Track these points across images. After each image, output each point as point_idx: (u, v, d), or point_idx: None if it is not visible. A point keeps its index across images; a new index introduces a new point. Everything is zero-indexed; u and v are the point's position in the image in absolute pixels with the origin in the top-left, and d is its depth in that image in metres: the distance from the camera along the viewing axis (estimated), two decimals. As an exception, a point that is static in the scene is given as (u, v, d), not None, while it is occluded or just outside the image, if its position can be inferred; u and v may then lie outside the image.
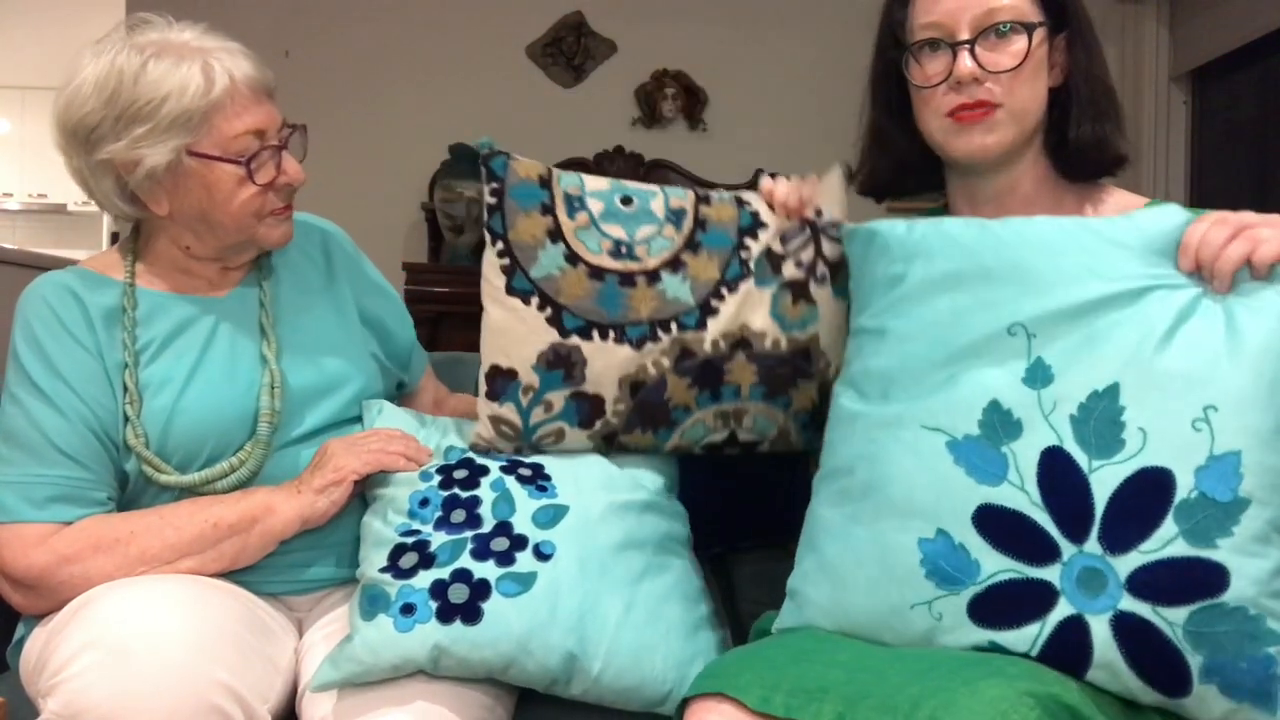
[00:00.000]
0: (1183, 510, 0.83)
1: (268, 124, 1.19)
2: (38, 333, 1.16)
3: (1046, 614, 0.86)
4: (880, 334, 1.03)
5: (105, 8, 3.85)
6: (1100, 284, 0.90)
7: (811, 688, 0.84)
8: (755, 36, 4.04)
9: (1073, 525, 0.86)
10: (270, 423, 1.20)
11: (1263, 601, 0.81)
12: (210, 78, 1.14)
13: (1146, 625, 0.83)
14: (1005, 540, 0.88)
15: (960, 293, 0.96)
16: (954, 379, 0.94)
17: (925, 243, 1.01)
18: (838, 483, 1.02)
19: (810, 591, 1.01)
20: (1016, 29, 1.10)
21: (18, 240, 7.26)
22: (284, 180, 1.20)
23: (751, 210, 1.27)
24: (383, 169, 3.90)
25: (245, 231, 1.21)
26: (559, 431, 1.22)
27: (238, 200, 1.18)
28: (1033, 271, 0.93)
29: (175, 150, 1.14)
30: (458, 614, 1.06)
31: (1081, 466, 0.86)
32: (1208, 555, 0.81)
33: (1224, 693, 0.82)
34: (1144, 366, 0.86)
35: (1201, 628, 0.81)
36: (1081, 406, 0.87)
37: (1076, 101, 1.14)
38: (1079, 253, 0.93)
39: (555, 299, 1.20)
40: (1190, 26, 3.70)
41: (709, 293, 1.22)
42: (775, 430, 1.25)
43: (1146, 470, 0.84)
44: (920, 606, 0.91)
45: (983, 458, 0.90)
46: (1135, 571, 0.83)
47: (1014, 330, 0.92)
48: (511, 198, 1.22)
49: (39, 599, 1.11)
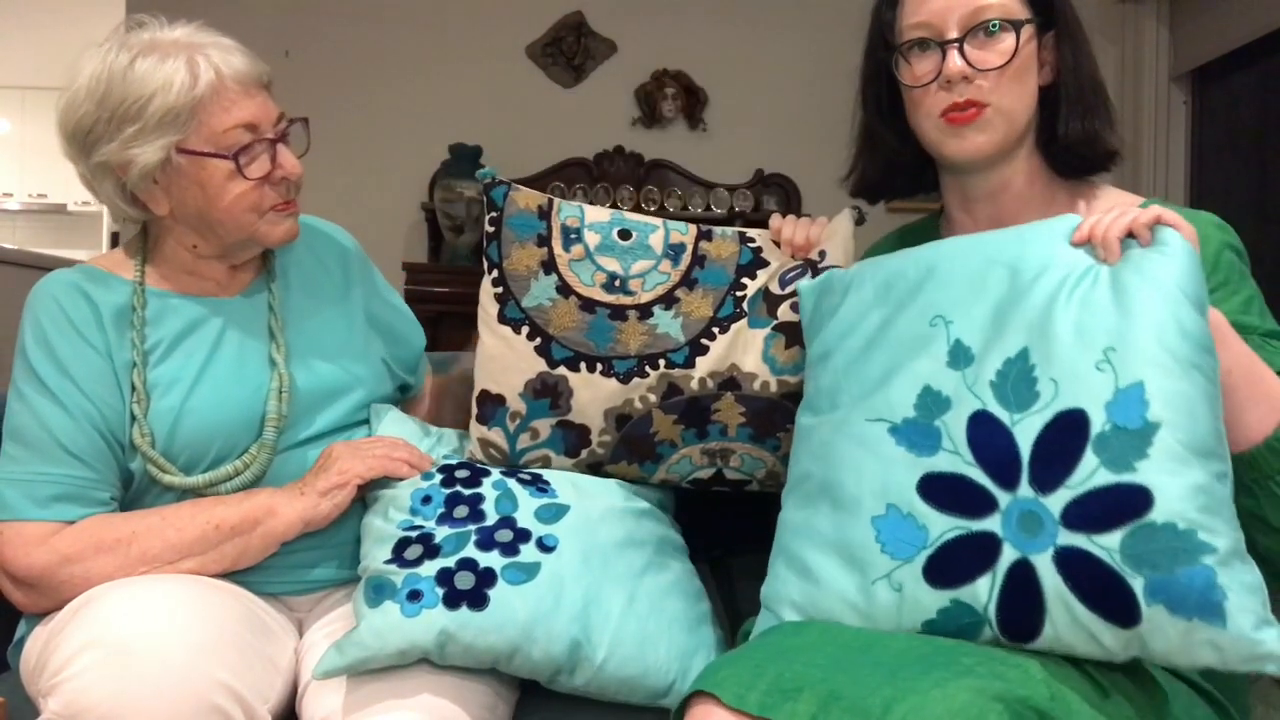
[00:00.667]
0: (1099, 443, 0.88)
1: (260, 118, 1.17)
2: (47, 331, 1.16)
3: (994, 563, 0.91)
4: (825, 356, 1.10)
5: (105, 8, 3.86)
6: (1002, 271, 0.99)
7: (788, 687, 0.85)
8: (755, 36, 4.04)
9: (1004, 475, 0.91)
10: (277, 427, 1.20)
11: (1191, 515, 0.85)
12: (195, 73, 1.14)
13: (1086, 555, 0.87)
14: (947, 501, 0.94)
15: (887, 305, 1.05)
16: (889, 376, 1.01)
17: (860, 273, 1.11)
18: (799, 489, 1.08)
19: (782, 590, 1.04)
20: (1005, 27, 1.11)
21: (18, 240, 7.27)
22: (280, 174, 1.19)
23: (754, 247, 1.27)
24: (383, 169, 3.91)
25: (245, 229, 1.20)
26: (545, 458, 1.24)
27: (231, 196, 1.17)
28: (944, 272, 1.02)
29: (165, 148, 1.14)
30: (464, 600, 1.06)
31: (1004, 422, 0.93)
32: (1129, 479, 0.86)
33: (1172, 611, 0.84)
34: (1046, 329, 0.93)
35: (1136, 548, 0.85)
36: (998, 372, 0.94)
37: (1066, 98, 1.15)
38: (984, 248, 1.02)
39: (545, 329, 1.21)
40: (1190, 26, 3.70)
41: (700, 331, 1.22)
42: (764, 470, 1.25)
43: (1061, 414, 0.90)
44: (881, 580, 0.95)
45: (920, 434, 0.97)
46: (1067, 506, 0.88)
47: (934, 322, 1.00)
48: (508, 227, 1.24)
49: (40, 597, 1.11)
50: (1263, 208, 3.40)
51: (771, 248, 1.28)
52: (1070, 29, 1.16)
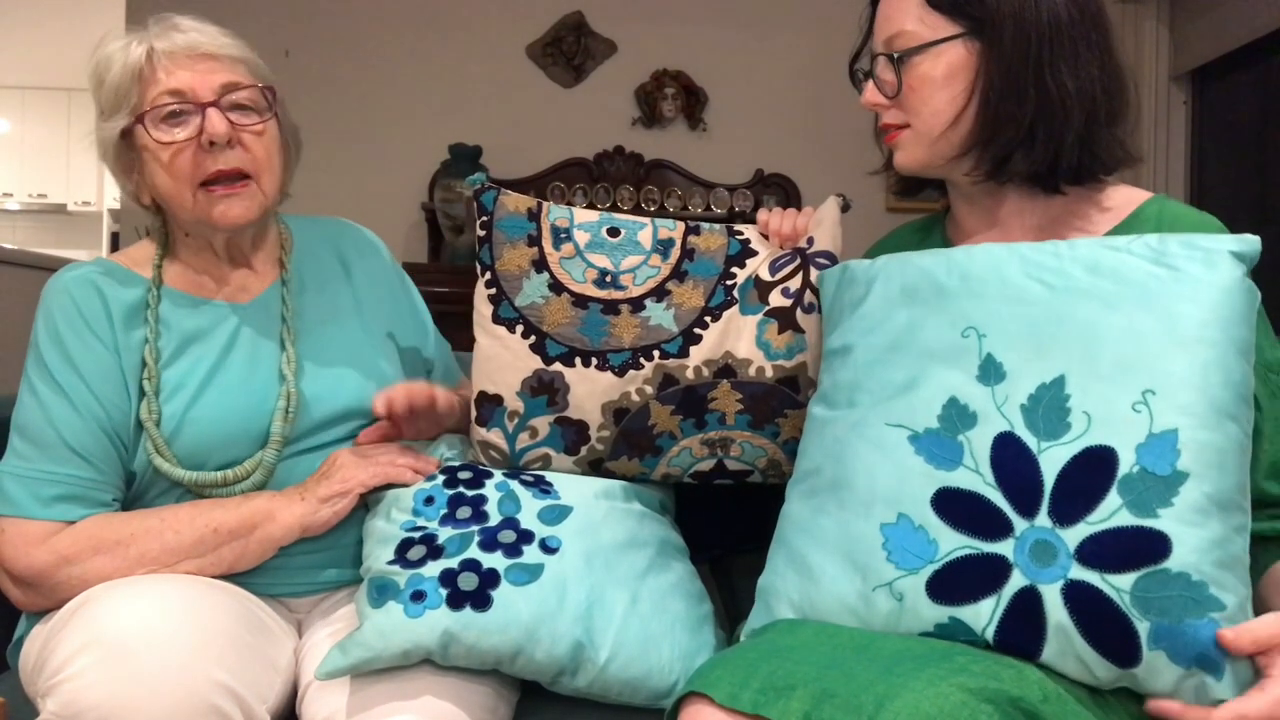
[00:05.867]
0: (1125, 483, 0.87)
1: (192, 85, 1.16)
2: (59, 324, 1.17)
3: (1001, 587, 0.90)
4: (846, 351, 1.08)
5: (105, 8, 3.86)
6: (1040, 287, 0.96)
7: (780, 685, 0.85)
8: (755, 36, 4.04)
9: (1024, 501, 0.90)
10: (278, 449, 1.19)
11: (1205, 569, 0.85)
12: (128, 50, 1.18)
13: (1095, 592, 0.86)
14: (961, 519, 0.92)
15: (916, 306, 1.03)
16: (914, 381, 0.99)
17: (886, 268, 1.08)
18: (806, 482, 1.06)
19: (779, 584, 1.03)
20: (912, 53, 1.10)
21: (18, 240, 7.27)
22: (205, 137, 1.15)
23: (742, 239, 1.28)
24: (383, 169, 3.90)
25: (187, 206, 1.18)
26: (545, 457, 1.24)
27: (166, 166, 1.17)
28: (980, 280, 0.99)
29: (116, 127, 1.18)
30: (468, 601, 1.06)
31: (1031, 448, 0.91)
32: (1150, 524, 0.86)
33: (1172, 659, 0.84)
34: (1088, 357, 0.92)
35: (1147, 593, 0.85)
36: (1031, 396, 0.93)
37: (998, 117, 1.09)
38: (1022, 260, 0.99)
39: (539, 327, 1.22)
40: (1190, 26, 3.70)
41: (693, 320, 1.22)
42: (765, 459, 1.24)
43: (1091, 449, 0.89)
44: (882, 588, 0.94)
45: (940, 446, 0.95)
46: (1083, 542, 0.87)
47: (966, 333, 0.98)
48: (499, 229, 1.24)
49: (37, 596, 1.11)
50: (1263, 208, 3.40)
51: (759, 239, 1.28)
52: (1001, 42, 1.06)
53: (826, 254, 1.24)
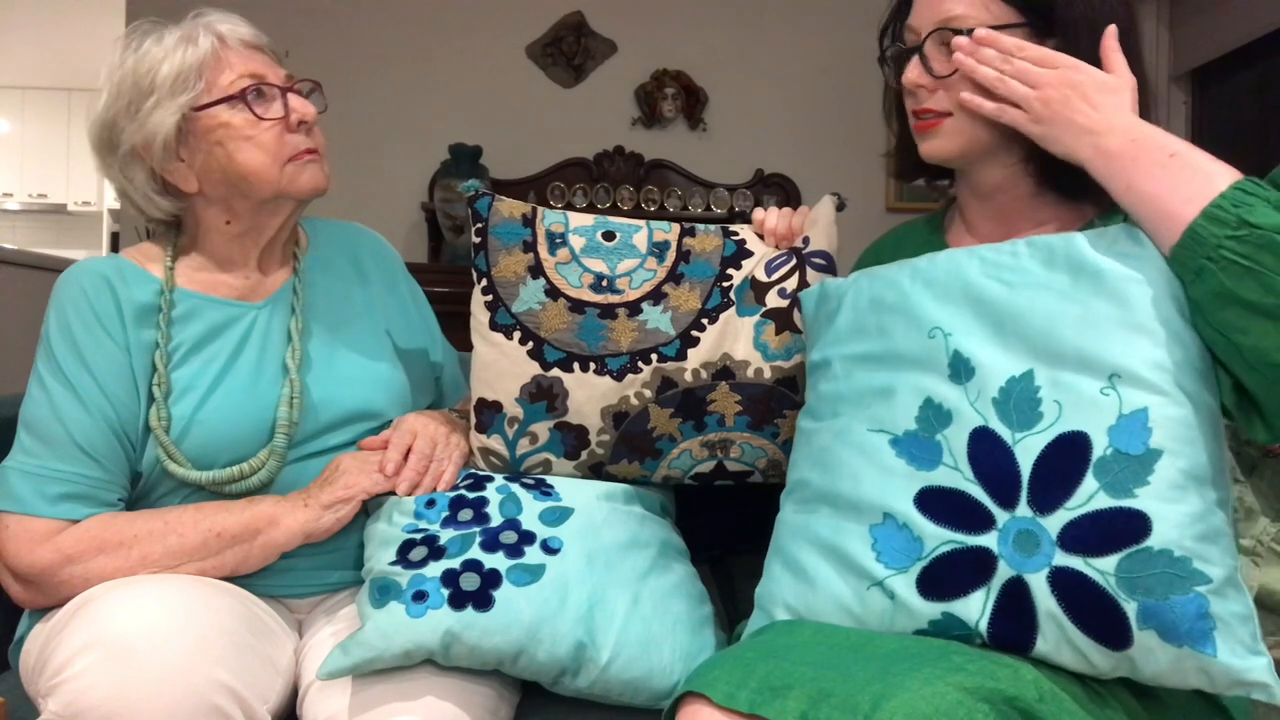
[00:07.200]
0: (1101, 466, 0.88)
1: (264, 71, 1.22)
2: (71, 319, 1.17)
3: (989, 579, 0.91)
4: (826, 364, 1.10)
5: (105, 8, 3.86)
6: (999, 286, 0.98)
7: (777, 684, 0.85)
8: (755, 36, 4.04)
9: (1003, 493, 0.92)
10: (287, 434, 1.19)
11: (1187, 544, 0.86)
12: (193, 37, 1.19)
13: (1081, 577, 0.87)
14: (944, 515, 0.94)
15: (884, 314, 1.04)
16: (891, 387, 1.01)
17: (856, 283, 1.10)
18: (797, 492, 1.08)
19: (776, 590, 1.04)
20: (965, 35, 1.05)
21: (18, 240, 7.27)
22: (295, 117, 1.21)
23: (738, 240, 1.28)
24: (383, 169, 3.90)
25: (270, 181, 1.20)
26: (545, 462, 1.24)
27: (251, 145, 1.19)
28: (942, 285, 1.01)
29: (179, 110, 1.17)
30: (470, 601, 1.06)
31: (1006, 440, 0.93)
32: (1128, 504, 0.87)
33: (1163, 637, 0.85)
34: (1051, 350, 0.93)
35: (1132, 573, 0.86)
36: (1001, 389, 0.95)
37: None
38: (980, 264, 1.00)
39: (536, 332, 1.22)
40: (1190, 26, 3.70)
41: (690, 323, 1.22)
42: (765, 459, 1.25)
43: (1064, 435, 0.90)
44: (875, 588, 0.96)
45: (920, 447, 0.97)
46: (1064, 528, 0.89)
47: (933, 333, 1.00)
48: (494, 236, 1.24)
49: (38, 594, 1.11)
50: (1263, 208, 3.40)
51: (755, 239, 1.28)
52: (1078, 38, 1.05)
53: (822, 254, 1.25)
